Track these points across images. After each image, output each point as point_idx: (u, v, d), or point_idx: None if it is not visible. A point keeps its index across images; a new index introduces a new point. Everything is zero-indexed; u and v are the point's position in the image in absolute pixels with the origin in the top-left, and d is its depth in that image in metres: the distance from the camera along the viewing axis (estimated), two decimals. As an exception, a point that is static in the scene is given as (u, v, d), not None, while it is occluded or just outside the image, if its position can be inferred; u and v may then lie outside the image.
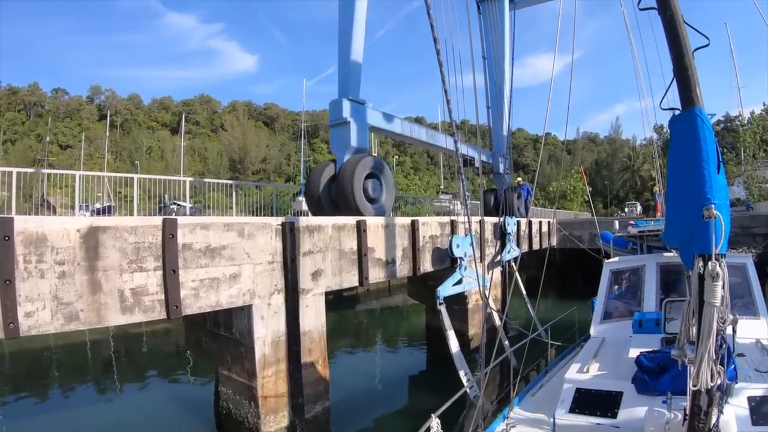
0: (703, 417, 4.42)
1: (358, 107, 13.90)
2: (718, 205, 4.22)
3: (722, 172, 4.43)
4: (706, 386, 4.22)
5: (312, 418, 9.43)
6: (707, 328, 4.18)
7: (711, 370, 4.20)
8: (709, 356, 4.18)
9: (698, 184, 4.32)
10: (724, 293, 4.25)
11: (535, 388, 7.63)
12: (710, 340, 4.17)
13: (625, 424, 5.64)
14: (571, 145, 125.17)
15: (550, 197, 75.45)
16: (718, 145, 4.46)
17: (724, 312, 4.32)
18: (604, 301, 9.29)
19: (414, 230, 12.52)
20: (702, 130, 4.36)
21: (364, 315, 26.67)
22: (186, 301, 7.62)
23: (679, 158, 4.68)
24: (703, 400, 4.38)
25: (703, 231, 4.27)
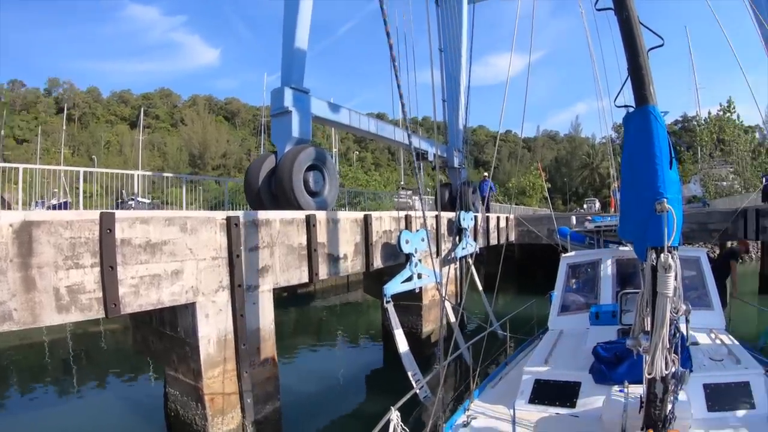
0: (659, 404, 4.62)
1: (300, 96, 13.46)
2: (671, 200, 4.38)
3: (675, 167, 4.60)
4: (661, 374, 4.41)
5: (262, 418, 9.18)
6: (661, 318, 4.35)
7: (665, 359, 4.39)
8: (662, 345, 4.36)
9: (651, 179, 4.48)
10: (677, 284, 4.43)
11: (495, 381, 7.67)
12: (664, 330, 4.34)
13: (584, 413, 5.81)
14: (531, 143, 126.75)
15: (509, 193, 76.27)
16: (670, 142, 4.63)
17: (677, 302, 4.47)
18: (561, 295, 9.48)
19: (367, 225, 12.28)
20: (655, 126, 4.52)
21: (320, 312, 26.29)
22: (125, 299, 7.26)
23: (632, 154, 4.88)
24: (659, 387, 4.58)
25: (655, 224, 4.43)
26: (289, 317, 23.93)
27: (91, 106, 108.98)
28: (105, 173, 17.31)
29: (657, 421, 4.70)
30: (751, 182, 43.56)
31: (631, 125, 4.82)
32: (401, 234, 12.27)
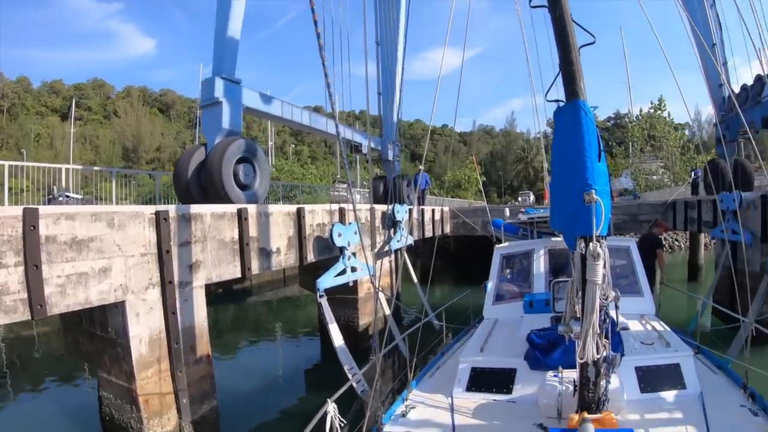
0: (592, 387, 4.89)
1: (232, 86, 13.13)
2: (599, 191, 4.60)
3: (603, 160, 4.80)
4: (593, 358, 4.65)
5: (200, 418, 9.02)
6: (590, 304, 4.56)
7: (596, 344, 4.62)
8: (593, 331, 4.57)
9: (580, 171, 4.66)
10: (605, 272, 4.65)
11: (433, 370, 7.76)
12: (594, 316, 4.55)
13: (520, 398, 6.03)
14: (467, 137, 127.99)
15: (445, 186, 77.00)
16: (599, 135, 4.82)
17: (606, 289, 4.71)
18: (495, 285, 9.62)
19: (300, 218, 12.15)
20: (584, 120, 4.70)
21: (256, 308, 26.02)
22: (51, 299, 6.99)
23: (562, 147, 5.07)
24: (591, 371, 4.85)
25: (584, 215, 4.63)
26: (225, 314, 23.60)
27: (21, 97, 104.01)
28: (34, 167, 16.68)
29: (590, 403, 4.92)
30: (680, 176, 45.14)
31: (561, 119, 4.99)
32: (333, 227, 12.15)
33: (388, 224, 17.37)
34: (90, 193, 21.93)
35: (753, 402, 5.92)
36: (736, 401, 6.00)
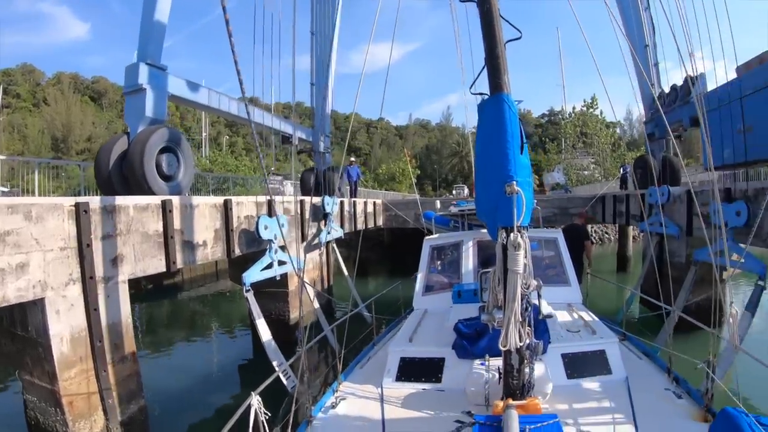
0: (516, 374, 5.03)
1: (157, 73, 12.65)
2: (520, 182, 4.66)
3: (525, 153, 4.93)
4: (516, 346, 4.72)
5: (127, 419, 8.76)
6: (512, 293, 4.64)
7: (518, 332, 4.69)
8: (515, 319, 4.65)
9: (502, 163, 4.74)
10: (527, 262, 4.77)
11: (363, 361, 7.85)
12: (515, 304, 4.63)
13: (449, 387, 6.18)
14: (403, 131, 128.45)
15: (379, 179, 77.39)
16: (522, 128, 4.91)
17: (528, 278, 4.85)
18: (425, 275, 9.81)
19: (227, 210, 11.85)
20: (507, 113, 4.78)
21: (188, 303, 25.35)
22: (-34, 297, 6.59)
23: (485, 139, 5.13)
24: (514, 359, 4.99)
25: (506, 205, 4.70)
26: (154, 310, 23.02)
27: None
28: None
29: (515, 390, 5.06)
30: (610, 172, 46.51)
31: (485, 112, 5.05)
32: (259, 219, 11.90)
33: (319, 217, 17.24)
34: (17, 185, 21.11)
35: (677, 385, 6.23)
36: (661, 385, 6.31)
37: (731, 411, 3.98)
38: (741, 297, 12.93)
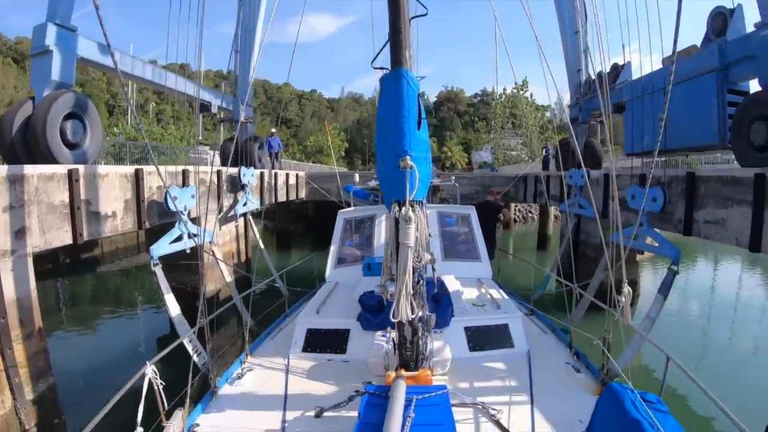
0: (410, 346, 5.21)
1: (66, 34, 11.80)
2: (415, 157, 4.76)
3: (424, 128, 4.96)
4: (407, 318, 4.80)
5: (37, 398, 8.31)
6: (403, 266, 4.69)
7: (411, 304, 4.77)
8: (406, 291, 4.71)
9: (398, 137, 4.80)
10: (419, 235, 4.86)
11: (274, 333, 7.94)
12: (406, 277, 4.68)
13: (353, 358, 6.39)
14: (335, 104, 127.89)
15: (307, 152, 77.12)
16: (421, 104, 4.92)
17: (420, 252, 4.96)
18: (338, 248, 9.94)
19: (138, 180, 11.29)
20: (406, 89, 4.80)
21: (108, 277, 24.31)
22: None
23: (384, 113, 5.10)
24: (407, 330, 5.16)
25: (400, 179, 4.77)
26: (71, 285, 21.98)
27: None
28: None
29: (409, 361, 5.24)
30: (537, 153, 47.28)
31: (385, 86, 5.04)
32: (168, 190, 11.18)
33: (236, 188, 16.81)
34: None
35: (577, 360, 6.51)
36: (562, 359, 6.58)
37: (616, 387, 4.13)
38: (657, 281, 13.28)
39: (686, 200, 10.54)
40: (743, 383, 10.54)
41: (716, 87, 11.75)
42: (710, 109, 11.86)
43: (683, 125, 12.31)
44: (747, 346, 14.16)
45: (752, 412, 8.27)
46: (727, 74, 11.70)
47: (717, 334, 15.23)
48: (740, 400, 9.05)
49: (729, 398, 3.96)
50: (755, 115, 9.91)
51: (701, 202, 10.23)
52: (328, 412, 4.91)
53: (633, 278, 15.16)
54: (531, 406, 5.26)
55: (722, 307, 19.02)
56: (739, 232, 9.06)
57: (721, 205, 9.63)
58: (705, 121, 12.04)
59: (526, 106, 61.70)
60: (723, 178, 9.63)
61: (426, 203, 5.31)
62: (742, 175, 9.13)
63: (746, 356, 13.05)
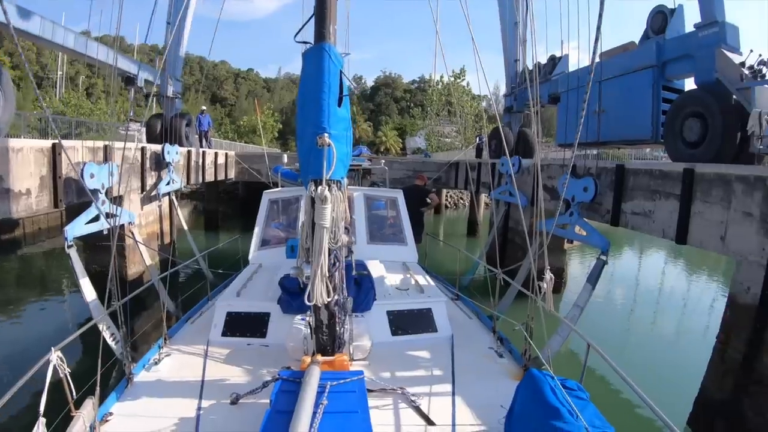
0: (326, 330, 5.07)
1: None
2: (335, 135, 4.66)
3: (346, 106, 4.86)
4: (323, 302, 4.69)
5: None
6: (318, 247, 4.60)
7: (327, 287, 4.65)
8: (322, 274, 4.60)
9: (317, 113, 4.67)
10: (335, 215, 4.79)
11: (195, 317, 7.73)
12: (321, 259, 4.59)
13: (274, 342, 6.24)
14: (272, 84, 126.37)
15: (240, 131, 76.13)
16: (344, 81, 4.85)
17: (337, 233, 4.85)
18: (262, 229, 9.69)
19: (55, 156, 10.55)
20: (327, 64, 4.69)
21: (28, 259, 22.91)
22: None
23: (304, 89, 4.96)
24: (323, 314, 4.99)
25: (317, 157, 4.64)
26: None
27: None
28: None
29: (326, 345, 5.12)
30: (470, 141, 47.69)
31: (307, 61, 4.93)
32: (85, 166, 10.49)
33: (160, 166, 16.07)
34: None
35: (500, 345, 6.54)
36: (485, 344, 6.61)
37: (536, 373, 4.11)
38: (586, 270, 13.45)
39: (615, 191, 10.71)
40: (664, 370, 10.81)
41: (652, 83, 12.11)
42: (645, 104, 12.20)
43: (618, 119, 12.66)
44: (669, 333, 14.59)
45: (672, 398, 8.56)
46: (663, 71, 12.08)
47: (641, 323, 15.58)
48: (661, 386, 9.36)
49: (649, 385, 3.99)
50: (689, 112, 10.21)
51: (630, 194, 10.42)
52: (244, 399, 4.77)
53: (560, 266, 15.46)
54: (452, 391, 5.22)
55: (647, 295, 19.48)
56: (666, 225, 9.28)
57: (649, 198, 9.81)
58: (639, 115, 12.37)
59: (463, 94, 61.84)
60: (652, 172, 9.81)
61: (356, 186, 5.13)
62: (670, 169, 9.31)
63: (668, 344, 13.40)
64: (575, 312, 9.69)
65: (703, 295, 19.80)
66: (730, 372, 7.58)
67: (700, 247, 8.71)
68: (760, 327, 7.20)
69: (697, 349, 10.50)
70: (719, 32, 10.37)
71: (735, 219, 7.80)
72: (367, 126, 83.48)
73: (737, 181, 7.78)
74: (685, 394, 8.45)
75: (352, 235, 8.77)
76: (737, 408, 7.32)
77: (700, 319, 15.37)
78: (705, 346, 8.63)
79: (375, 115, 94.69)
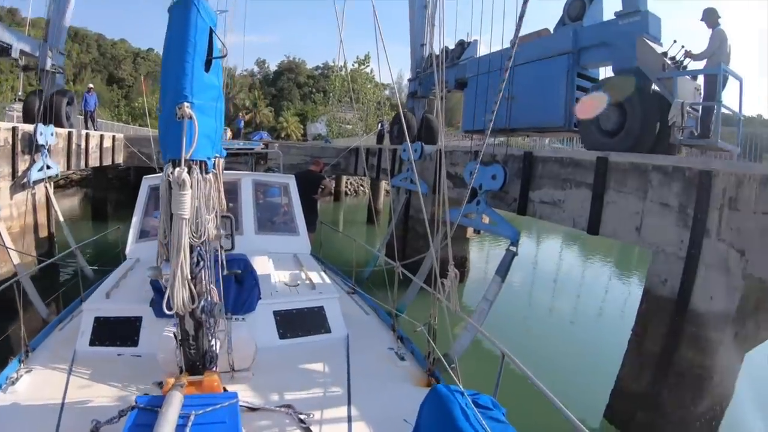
0: (193, 342, 4.03)
1: None
2: (198, 106, 3.70)
3: (216, 72, 4.05)
4: (186, 309, 3.76)
5: None
6: (177, 243, 3.62)
7: (190, 291, 3.74)
8: (182, 275, 3.65)
9: (178, 78, 3.70)
10: (199, 204, 3.79)
11: (65, 322, 6.52)
12: (181, 257, 3.62)
13: (147, 351, 5.25)
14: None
15: (134, 113, 73.71)
16: (215, 41, 4.01)
17: (200, 226, 3.83)
18: (140, 219, 8.38)
19: None
20: (195, 19, 3.78)
21: None
22: None
23: (167, 49, 3.95)
24: (188, 324, 3.96)
25: (176, 133, 3.63)
26: None
27: None
28: None
29: (195, 361, 4.10)
30: (372, 128, 47.76)
31: (172, 16, 3.92)
32: None
33: (34, 150, 14.15)
34: None
35: (401, 344, 5.99)
36: (384, 344, 6.04)
37: (442, 390, 3.50)
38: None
39: (522, 179, 10.45)
40: (577, 362, 10.53)
41: (567, 70, 11.90)
42: (558, 91, 11.98)
43: (529, 105, 12.31)
44: (581, 325, 14.40)
45: (588, 391, 8.34)
46: (578, 58, 11.88)
47: (551, 313, 15.42)
48: (576, 380, 9.08)
49: (564, 381, 3.48)
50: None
51: (538, 182, 10.18)
52: (105, 427, 3.86)
53: (463, 255, 15.30)
54: (348, 403, 4.66)
55: (557, 284, 19.61)
56: (577, 215, 9.09)
57: (558, 187, 9.59)
58: (552, 102, 12.14)
59: (366, 81, 62.11)
60: (562, 160, 9.59)
61: (246, 171, 4.24)
62: (582, 158, 9.11)
63: (580, 336, 13.17)
64: (484, 306, 9.34)
65: (613, 284, 20.17)
66: (648, 364, 7.45)
67: (613, 238, 8.54)
68: (679, 319, 7.06)
69: (610, 340, 10.41)
70: (641, 21, 10.19)
71: (651, 210, 7.63)
72: (269, 111, 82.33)
73: (654, 171, 7.61)
74: (600, 385, 8.26)
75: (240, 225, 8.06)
76: (657, 400, 7.21)
77: (612, 309, 15.50)
78: (618, 337, 8.46)
79: (277, 101, 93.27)
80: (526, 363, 3.71)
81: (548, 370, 4.83)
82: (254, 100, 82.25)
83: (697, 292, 6.96)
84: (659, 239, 7.46)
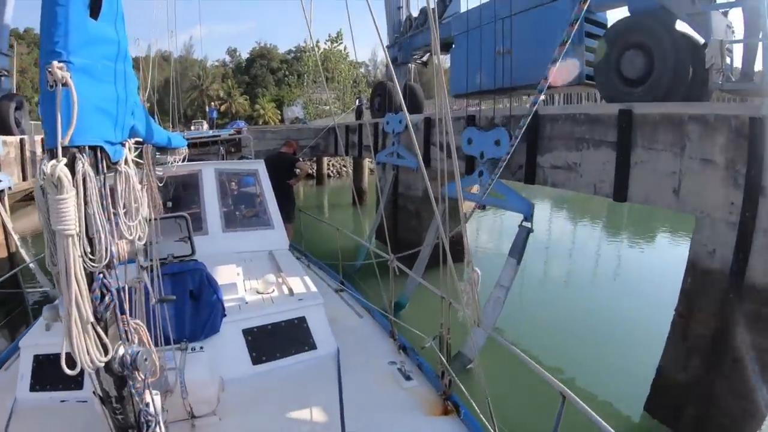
0: (117, 405, 2.57)
1: None
2: (80, 66, 2.09)
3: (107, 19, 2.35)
4: (92, 365, 2.21)
5: None
6: (65, 274, 2.04)
7: (99, 339, 2.24)
8: (82, 318, 2.13)
9: (48, 30, 2.10)
10: (96, 212, 2.17)
11: (12, 359, 5.23)
12: (72, 292, 2.07)
13: (92, 396, 3.48)
14: (141, 62, 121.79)
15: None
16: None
17: (98, 243, 2.22)
18: None
19: None
20: None
21: None
22: None
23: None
24: (108, 383, 2.50)
25: (49, 108, 2.01)
26: None
27: None
28: None
29: (128, 428, 2.68)
30: (349, 106, 47.19)
31: None
32: None
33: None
34: None
35: (405, 357, 4.96)
36: (384, 358, 4.98)
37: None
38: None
39: (527, 142, 9.12)
40: (611, 352, 8.90)
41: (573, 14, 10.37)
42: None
43: (530, 60, 10.49)
44: (611, 307, 11.79)
45: (626, 382, 7.55)
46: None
47: (576, 296, 12.99)
48: (612, 373, 8.01)
49: (600, 373, 2.39)
50: (629, 42, 8.41)
51: (547, 145, 8.91)
52: None
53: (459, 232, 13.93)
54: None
55: (577, 262, 16.73)
56: (598, 179, 7.87)
57: (573, 148, 8.34)
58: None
59: (340, 59, 61.51)
60: (575, 117, 8.35)
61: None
62: (600, 112, 7.89)
63: (611, 320, 10.77)
64: (499, 294, 8.18)
65: (634, 253, 17.68)
66: (697, 350, 6.37)
67: (645, 204, 7.28)
68: (733, 296, 5.92)
69: (646, 324, 9.14)
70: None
71: (691, 168, 6.42)
72: (244, 100, 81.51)
73: (692, 121, 6.39)
74: (639, 376, 7.20)
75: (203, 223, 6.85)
76: (710, 391, 6.13)
77: (644, 285, 13.06)
78: (657, 321, 7.30)
79: (251, 88, 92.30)
80: (550, 356, 2.63)
81: (577, 360, 3.97)
82: (228, 90, 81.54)
83: (755, 263, 5.77)
84: (703, 203, 6.29)
